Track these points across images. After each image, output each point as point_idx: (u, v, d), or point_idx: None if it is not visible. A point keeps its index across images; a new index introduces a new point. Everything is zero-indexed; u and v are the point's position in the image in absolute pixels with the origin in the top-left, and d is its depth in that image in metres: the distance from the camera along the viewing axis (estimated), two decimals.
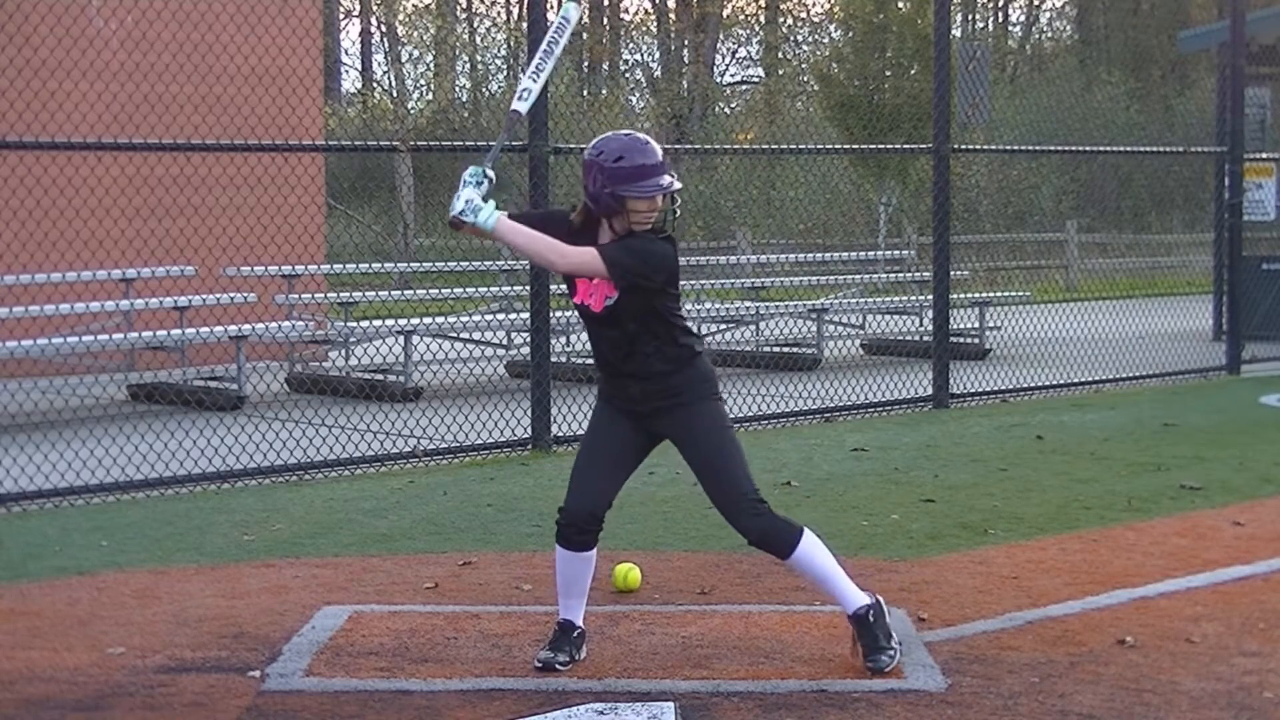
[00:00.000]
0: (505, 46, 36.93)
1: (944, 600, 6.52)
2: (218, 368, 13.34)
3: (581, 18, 5.51)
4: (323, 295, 15.96)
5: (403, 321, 14.13)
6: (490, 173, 5.43)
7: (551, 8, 10.27)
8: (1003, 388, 13.31)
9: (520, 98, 5.69)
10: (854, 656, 5.63)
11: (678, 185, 5.48)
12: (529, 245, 5.39)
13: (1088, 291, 22.83)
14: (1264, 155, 17.04)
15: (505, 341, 15.29)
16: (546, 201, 10.41)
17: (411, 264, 21.77)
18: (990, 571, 7.04)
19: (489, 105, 33.72)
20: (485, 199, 5.37)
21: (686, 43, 41.39)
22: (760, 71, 43.02)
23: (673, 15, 42.86)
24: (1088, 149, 24.19)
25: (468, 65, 37.43)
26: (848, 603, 5.62)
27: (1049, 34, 45.63)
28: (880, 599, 5.68)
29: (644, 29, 43.50)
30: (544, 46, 5.81)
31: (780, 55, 40.39)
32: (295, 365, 14.39)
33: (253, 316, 14.33)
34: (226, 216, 14.45)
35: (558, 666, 5.56)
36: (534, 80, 5.74)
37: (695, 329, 5.71)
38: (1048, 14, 46.01)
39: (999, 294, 18.28)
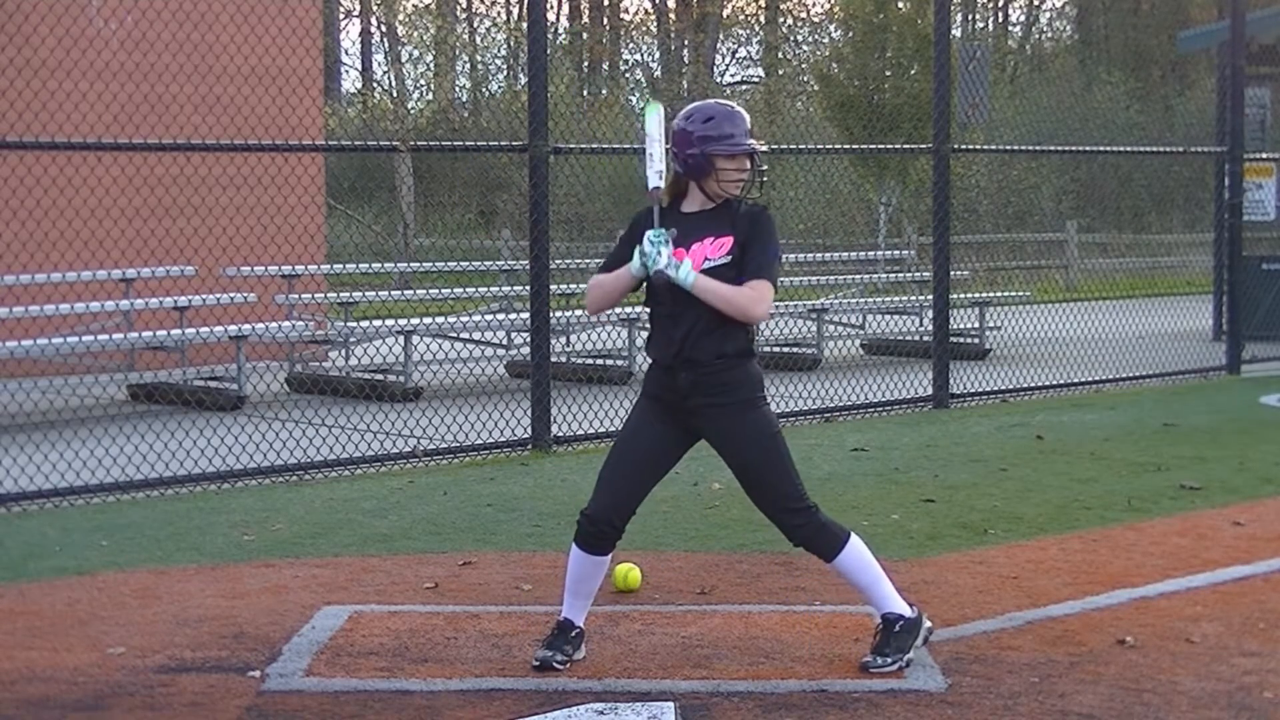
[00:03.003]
0: (505, 46, 36.94)
1: (944, 600, 6.51)
2: (218, 368, 13.34)
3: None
4: (323, 295, 15.95)
5: (403, 321, 14.13)
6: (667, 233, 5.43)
7: (551, 8, 10.27)
8: (1003, 388, 13.30)
9: (659, 177, 5.59)
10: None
11: (762, 147, 5.57)
12: (733, 298, 5.42)
13: (1088, 291, 22.81)
14: (1264, 155, 17.04)
15: (505, 341, 15.29)
16: (546, 201, 10.40)
17: (411, 264, 21.76)
18: (990, 571, 7.04)
19: (489, 105, 33.72)
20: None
21: (686, 43, 41.41)
22: (760, 71, 43.02)
23: (673, 15, 42.88)
24: (1088, 149, 24.20)
25: (468, 65, 37.44)
26: (882, 606, 5.63)
27: (1049, 34, 45.64)
28: (924, 620, 5.67)
29: (644, 29, 43.52)
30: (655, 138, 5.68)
31: (780, 55, 40.38)
32: (295, 365, 14.39)
33: (253, 316, 14.32)
34: (226, 216, 14.44)
35: (555, 666, 5.56)
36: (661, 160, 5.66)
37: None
38: (1048, 14, 46.04)
39: (999, 294, 18.28)
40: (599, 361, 14.67)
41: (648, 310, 5.64)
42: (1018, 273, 25.98)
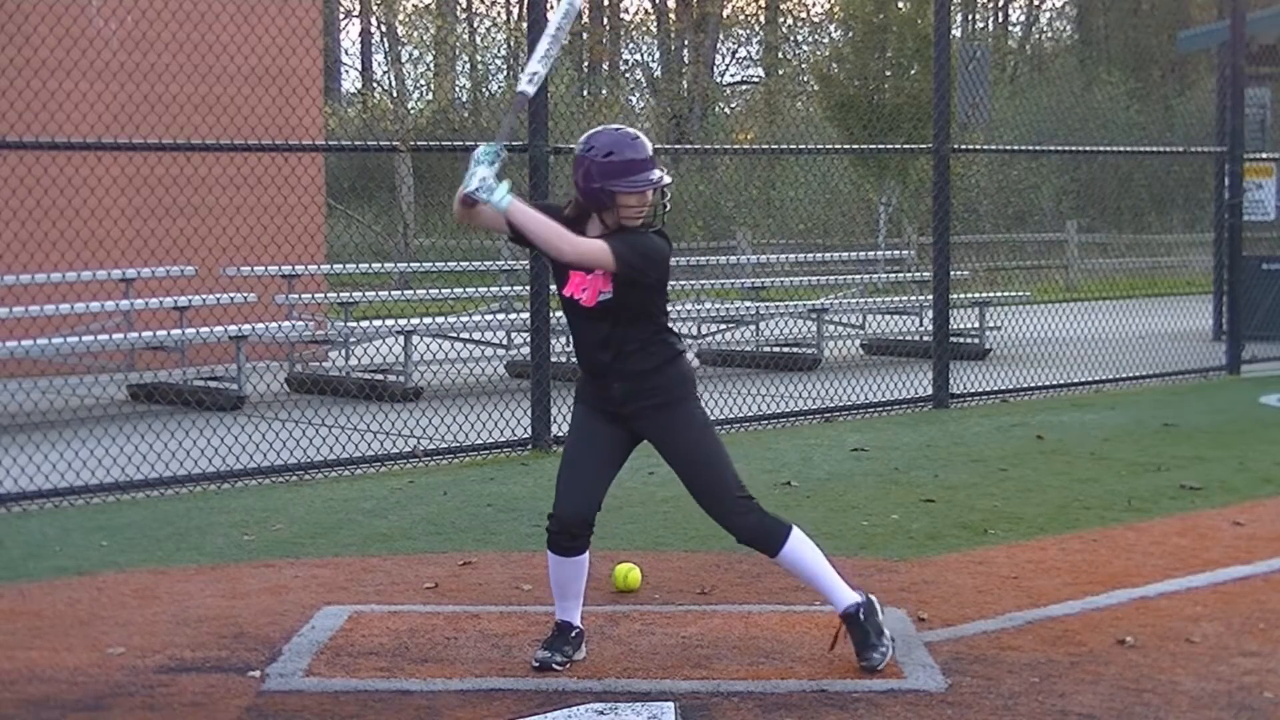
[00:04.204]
0: (505, 46, 36.92)
1: (944, 600, 6.52)
2: (218, 368, 13.34)
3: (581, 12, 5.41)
4: (323, 295, 15.96)
5: (403, 321, 14.13)
6: (504, 152, 5.41)
7: (551, 7, 10.28)
8: (1003, 388, 13.31)
9: (530, 81, 5.64)
10: (832, 650, 5.66)
11: (667, 180, 5.51)
12: (540, 231, 5.36)
13: (1088, 291, 22.81)
14: (1264, 155, 17.03)
15: (505, 341, 15.29)
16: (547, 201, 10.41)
17: (411, 264, 21.76)
18: (990, 571, 7.04)
19: (489, 105, 33.71)
20: (499, 179, 5.36)
21: (686, 43, 41.38)
22: (760, 71, 43.01)
23: (673, 15, 42.84)
24: (1088, 149, 24.21)
25: (468, 65, 37.41)
26: (837, 601, 5.64)
27: (1049, 34, 45.65)
28: (872, 597, 5.69)
29: (644, 29, 43.49)
30: (552, 32, 5.74)
31: (780, 55, 40.37)
32: (295, 365, 14.39)
33: (253, 316, 14.33)
34: (226, 216, 14.45)
35: (554, 666, 5.57)
36: (543, 65, 5.69)
37: (679, 329, 5.72)
38: (1048, 14, 46.05)
39: (999, 294, 18.28)
40: None
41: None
42: (1018, 273, 25.98)
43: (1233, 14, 15.01)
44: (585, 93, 36.90)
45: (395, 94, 35.48)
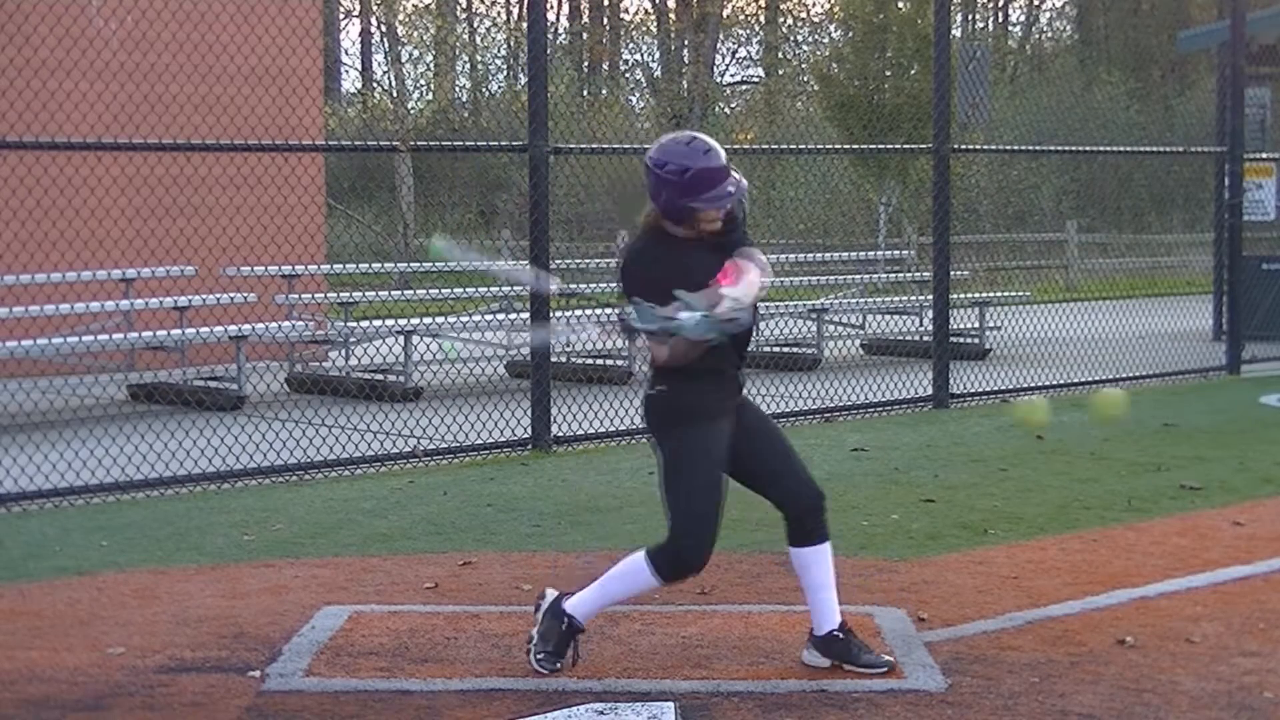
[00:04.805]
0: (505, 46, 36.94)
1: (944, 600, 6.52)
2: (218, 368, 13.34)
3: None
4: (323, 295, 15.96)
5: (403, 321, 14.14)
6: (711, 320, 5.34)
7: (551, 8, 10.27)
8: (1003, 388, 13.30)
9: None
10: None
11: (745, 184, 5.53)
12: (751, 291, 5.48)
13: (1088, 291, 22.81)
14: (1264, 155, 17.03)
15: (505, 341, 15.29)
16: (546, 201, 10.40)
17: (411, 264, 21.76)
18: (990, 571, 7.04)
19: (489, 105, 33.72)
20: (694, 322, 5.28)
21: (686, 43, 41.39)
22: (760, 71, 43.02)
23: (673, 15, 42.87)
24: (1088, 149, 24.22)
25: (468, 65, 37.42)
26: (830, 618, 5.58)
27: (1049, 34, 45.68)
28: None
29: (644, 29, 43.52)
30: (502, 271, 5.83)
31: (780, 55, 40.37)
32: (295, 365, 14.39)
33: (253, 316, 14.33)
34: (226, 216, 14.45)
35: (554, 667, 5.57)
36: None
37: None
38: (1048, 14, 46.07)
39: (999, 294, 18.28)
40: (599, 361, 14.67)
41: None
42: (1018, 273, 25.98)
43: (1233, 14, 15.00)
44: (585, 93, 36.92)
45: (395, 94, 35.49)
